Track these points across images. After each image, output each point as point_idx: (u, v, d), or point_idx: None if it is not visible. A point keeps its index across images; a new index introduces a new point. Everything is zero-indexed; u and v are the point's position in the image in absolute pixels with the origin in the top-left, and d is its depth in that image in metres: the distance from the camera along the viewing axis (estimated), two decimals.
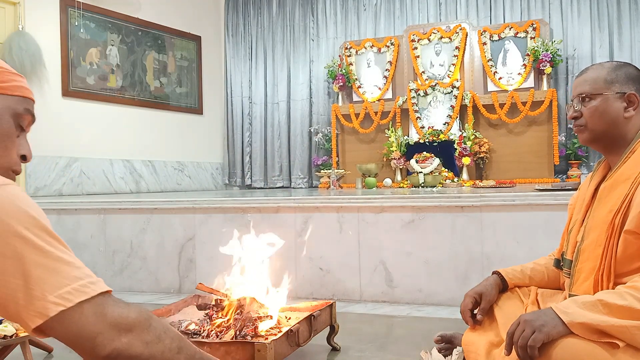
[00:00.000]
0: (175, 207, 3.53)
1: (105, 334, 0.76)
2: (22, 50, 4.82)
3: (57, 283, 0.74)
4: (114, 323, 0.77)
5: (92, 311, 0.76)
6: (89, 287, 0.77)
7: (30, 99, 0.94)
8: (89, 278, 0.78)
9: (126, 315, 0.79)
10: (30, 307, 0.73)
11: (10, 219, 0.73)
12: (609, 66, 1.36)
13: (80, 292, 0.75)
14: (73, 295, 0.75)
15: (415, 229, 3.03)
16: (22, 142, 0.92)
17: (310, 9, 6.95)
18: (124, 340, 0.77)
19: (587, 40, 5.77)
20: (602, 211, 1.30)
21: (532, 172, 5.63)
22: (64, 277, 0.75)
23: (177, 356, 0.85)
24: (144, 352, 0.79)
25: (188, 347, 0.88)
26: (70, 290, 0.75)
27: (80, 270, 0.78)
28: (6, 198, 0.74)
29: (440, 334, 1.76)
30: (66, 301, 0.74)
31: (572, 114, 1.39)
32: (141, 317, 0.81)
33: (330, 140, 6.50)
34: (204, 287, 2.10)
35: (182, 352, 0.86)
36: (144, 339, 0.80)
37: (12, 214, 0.74)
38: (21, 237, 0.73)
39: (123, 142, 5.90)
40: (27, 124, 0.92)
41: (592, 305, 1.14)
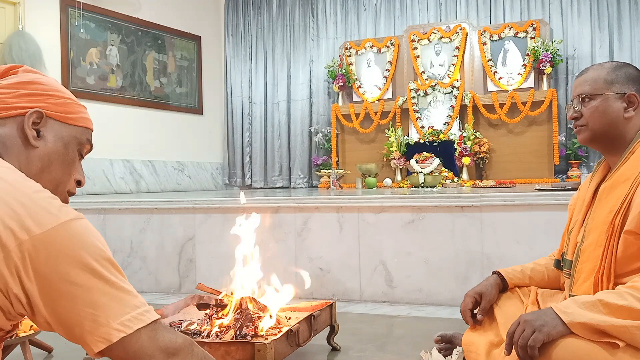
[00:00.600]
0: (175, 207, 3.53)
1: (156, 357, 0.86)
2: (22, 50, 4.82)
3: (119, 311, 0.82)
4: (164, 347, 0.87)
5: (147, 337, 0.84)
6: (145, 315, 0.85)
7: (91, 129, 1.04)
8: (144, 307, 0.86)
9: (174, 340, 0.89)
10: (96, 333, 0.81)
11: (83, 251, 0.81)
12: (609, 66, 1.36)
13: (138, 320, 0.83)
14: (133, 322, 0.83)
15: (415, 229, 3.03)
16: (79, 167, 1.02)
17: (310, 9, 6.95)
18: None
19: (587, 40, 5.77)
20: (602, 212, 1.30)
21: (532, 172, 5.63)
22: (126, 306, 0.83)
23: None
24: None
25: None
26: (130, 317, 0.83)
27: (138, 299, 0.86)
28: (80, 230, 0.82)
29: (440, 334, 1.76)
30: (127, 328, 0.82)
31: (572, 114, 1.39)
32: (186, 342, 0.91)
33: (330, 140, 6.50)
34: (204, 287, 2.10)
35: None
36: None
37: (84, 246, 0.81)
38: (91, 268, 0.81)
39: (123, 142, 5.90)
40: (86, 152, 1.02)
41: (592, 305, 1.14)
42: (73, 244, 0.80)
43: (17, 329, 1.11)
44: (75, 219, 0.83)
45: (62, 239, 0.80)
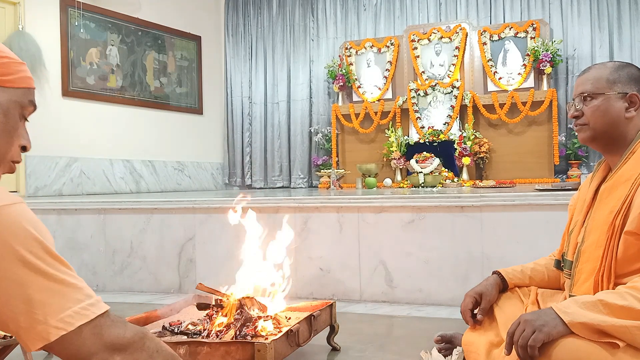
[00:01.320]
0: (175, 207, 3.53)
1: (100, 354, 0.79)
2: (22, 50, 4.82)
3: (59, 306, 0.75)
4: (110, 343, 0.80)
5: (90, 333, 0.78)
6: (89, 309, 0.79)
7: (33, 88, 0.93)
8: (88, 299, 0.79)
9: (122, 335, 0.82)
10: (32, 331, 0.74)
11: (14, 241, 0.74)
12: (612, 66, 1.36)
13: (81, 315, 0.77)
14: (74, 318, 0.76)
15: (415, 229, 3.03)
16: (22, 132, 0.91)
17: (310, 9, 6.95)
18: (117, 359, 0.81)
19: (587, 40, 5.77)
20: (602, 212, 1.30)
21: (532, 172, 5.63)
22: (66, 300, 0.76)
23: None
24: None
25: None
26: (72, 313, 0.76)
27: (82, 292, 0.79)
28: (11, 218, 0.75)
29: (440, 334, 1.76)
30: (67, 325, 0.76)
31: (573, 112, 1.39)
32: (136, 337, 0.84)
33: (330, 140, 6.50)
34: (204, 287, 2.10)
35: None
36: (136, 358, 0.83)
37: (16, 236, 0.74)
38: (24, 261, 0.74)
39: (123, 142, 5.90)
40: (28, 114, 0.92)
41: (592, 305, 1.14)
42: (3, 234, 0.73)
43: None
44: (9, 204, 0.75)
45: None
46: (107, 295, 3.44)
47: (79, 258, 3.61)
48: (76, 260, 3.60)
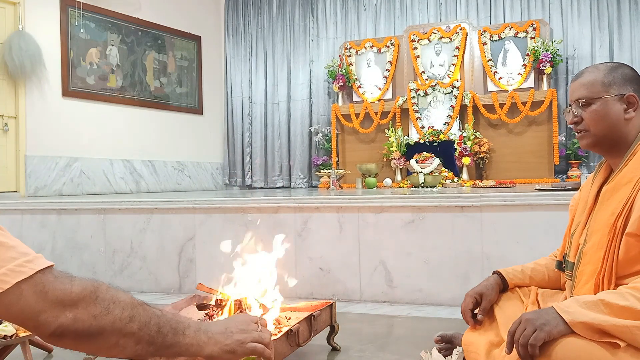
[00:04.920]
0: (175, 207, 3.53)
1: (49, 311, 0.75)
2: (22, 50, 4.82)
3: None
4: (57, 300, 0.75)
5: (31, 291, 0.74)
6: (26, 266, 0.74)
7: None
8: (25, 257, 0.75)
9: (69, 290, 0.77)
10: None
11: None
12: (604, 68, 1.35)
13: (16, 272, 0.73)
14: (9, 276, 0.72)
15: (415, 229, 3.03)
16: None
17: (310, 9, 6.95)
18: (69, 316, 0.76)
19: (587, 40, 5.77)
20: (604, 214, 1.29)
21: (532, 172, 5.63)
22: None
23: (129, 325, 0.82)
24: (91, 325, 0.78)
25: (141, 315, 0.85)
26: (6, 271, 0.72)
27: (15, 250, 0.75)
28: None
29: (440, 334, 1.76)
30: (3, 283, 0.71)
31: (571, 119, 1.38)
32: (86, 290, 0.79)
33: (330, 140, 6.50)
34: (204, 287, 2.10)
35: (135, 320, 0.83)
36: (91, 312, 0.78)
37: None
38: None
39: (123, 142, 5.90)
40: None
41: (593, 304, 1.14)
42: None
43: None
44: None
45: None
46: None
47: (79, 258, 3.61)
48: (76, 260, 3.60)
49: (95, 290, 0.80)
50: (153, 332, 0.85)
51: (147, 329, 0.85)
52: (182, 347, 0.90)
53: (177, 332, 0.89)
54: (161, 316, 0.88)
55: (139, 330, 0.83)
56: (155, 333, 0.86)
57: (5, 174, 4.91)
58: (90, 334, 0.78)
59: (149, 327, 0.85)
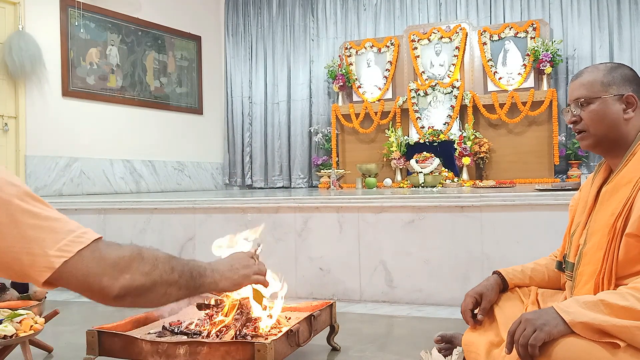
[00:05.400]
0: (175, 207, 3.53)
1: (109, 274, 0.86)
2: (22, 50, 4.82)
3: (53, 239, 0.82)
4: (114, 264, 0.87)
5: (91, 257, 0.84)
6: (83, 237, 0.85)
7: None
8: (80, 229, 0.86)
9: (122, 255, 0.89)
10: (36, 265, 0.81)
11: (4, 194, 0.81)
12: (604, 68, 1.35)
13: (76, 243, 0.83)
14: (71, 246, 0.83)
15: (415, 229, 3.03)
16: None
17: (310, 9, 6.95)
18: (127, 277, 0.88)
19: (587, 40, 5.77)
20: (604, 215, 1.29)
21: (532, 172, 5.63)
22: (58, 233, 0.83)
23: (172, 275, 0.97)
24: (145, 282, 0.91)
25: (177, 264, 1.00)
26: (67, 242, 0.83)
27: (71, 224, 0.85)
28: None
29: (440, 334, 1.76)
30: (66, 252, 0.82)
31: (570, 118, 1.38)
32: (134, 253, 0.91)
33: (330, 140, 6.50)
34: None
35: (175, 270, 0.98)
36: (143, 270, 0.91)
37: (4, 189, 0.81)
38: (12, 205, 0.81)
39: (123, 142, 5.90)
40: None
41: (593, 305, 1.14)
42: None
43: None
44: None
45: None
46: None
47: None
48: None
49: (140, 252, 0.93)
50: (188, 277, 1.02)
51: (184, 276, 1.01)
52: (205, 286, 1.08)
53: (201, 275, 1.07)
54: (188, 263, 1.04)
55: (179, 278, 0.99)
56: (190, 278, 1.02)
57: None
58: (146, 289, 0.91)
59: (184, 274, 1.01)
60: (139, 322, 2.00)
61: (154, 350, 1.70)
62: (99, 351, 1.80)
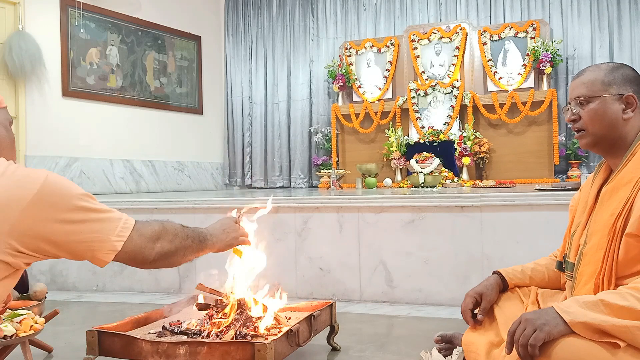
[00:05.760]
0: (175, 207, 3.53)
1: (147, 246, 1.15)
2: (22, 50, 4.82)
3: (112, 226, 1.09)
4: (150, 237, 1.16)
5: (137, 235, 1.13)
6: (129, 222, 1.13)
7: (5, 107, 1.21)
8: (123, 216, 1.13)
9: (153, 229, 1.18)
10: (104, 249, 1.08)
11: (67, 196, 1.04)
12: (606, 68, 1.36)
13: (126, 228, 1.11)
14: (124, 230, 1.10)
15: (415, 229, 3.03)
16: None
17: (310, 9, 6.95)
18: (158, 246, 1.17)
19: (587, 40, 5.77)
20: (604, 215, 1.29)
21: (532, 172, 5.63)
22: (114, 221, 1.10)
23: (188, 240, 1.28)
24: (171, 248, 1.21)
25: (190, 232, 1.30)
26: (121, 228, 1.10)
27: (117, 213, 1.12)
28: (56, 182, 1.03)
29: (440, 334, 1.76)
30: (122, 237, 1.10)
31: (570, 116, 1.38)
32: (160, 226, 1.20)
33: (330, 140, 6.50)
34: (204, 287, 2.10)
35: (189, 237, 1.28)
36: (168, 239, 1.20)
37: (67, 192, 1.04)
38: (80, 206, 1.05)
39: (123, 142, 5.90)
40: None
41: (593, 305, 1.14)
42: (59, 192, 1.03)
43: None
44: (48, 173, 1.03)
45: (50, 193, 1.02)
46: (108, 295, 3.44)
47: None
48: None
49: (163, 225, 1.21)
50: (197, 241, 1.32)
51: (195, 241, 1.31)
52: (207, 246, 1.38)
53: (205, 238, 1.37)
54: (194, 230, 1.33)
55: (192, 243, 1.29)
56: (198, 242, 1.32)
57: None
58: (172, 253, 1.22)
59: (195, 239, 1.31)
60: (139, 322, 2.00)
61: (154, 350, 1.70)
62: (99, 351, 1.80)
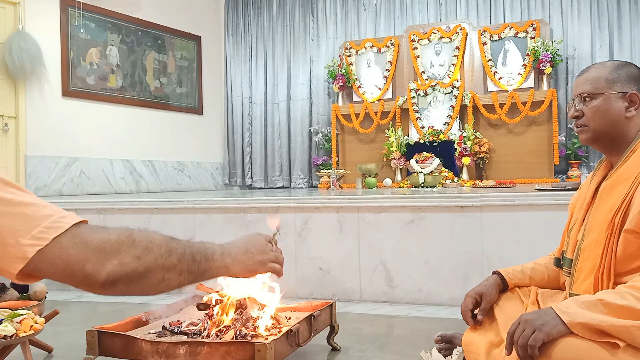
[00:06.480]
0: (175, 207, 3.53)
1: (93, 260, 0.76)
2: (22, 50, 4.82)
3: (27, 226, 0.73)
4: (99, 248, 0.77)
5: (71, 243, 0.75)
6: (61, 221, 0.76)
7: None
8: (58, 213, 0.77)
9: (107, 238, 0.79)
10: (8, 255, 0.73)
11: None
12: (611, 65, 1.36)
13: (53, 229, 0.74)
14: (47, 233, 0.74)
15: (415, 229, 3.03)
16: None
17: (310, 9, 6.95)
18: (114, 262, 0.78)
19: (587, 40, 5.77)
20: (602, 210, 1.30)
21: (532, 172, 5.63)
22: (32, 219, 0.74)
23: (170, 259, 0.86)
24: (138, 266, 0.81)
25: (176, 247, 0.89)
26: (42, 229, 0.74)
27: (48, 208, 0.76)
28: None
29: (440, 334, 1.76)
30: (41, 240, 0.73)
31: (573, 113, 1.39)
32: (122, 235, 0.82)
33: (330, 140, 6.50)
34: (203, 287, 2.10)
35: (173, 253, 0.87)
36: (133, 254, 0.81)
37: None
38: None
39: (123, 142, 5.90)
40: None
41: (592, 305, 1.14)
42: None
43: None
44: None
45: None
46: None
47: None
48: None
49: (130, 234, 0.83)
50: (190, 261, 0.91)
51: (185, 260, 0.89)
52: (214, 270, 0.98)
53: (208, 259, 0.96)
54: (192, 245, 0.93)
55: (178, 262, 0.88)
56: (192, 262, 0.91)
57: (5, 174, 4.88)
58: (139, 275, 0.81)
59: (185, 258, 0.90)
60: (139, 322, 2.00)
61: (154, 350, 1.70)
62: (99, 351, 1.80)
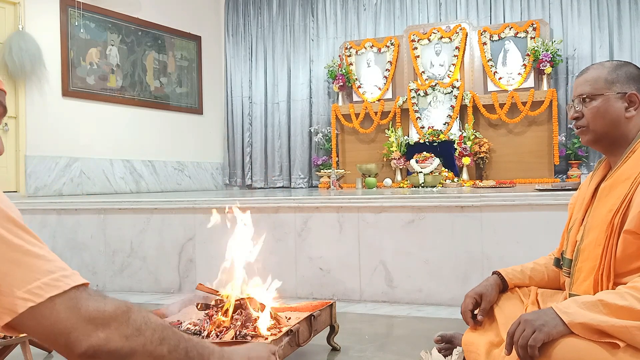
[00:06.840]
0: (175, 207, 3.53)
1: (80, 329, 0.72)
2: (22, 50, 4.82)
3: (26, 278, 0.69)
4: (89, 318, 0.73)
5: (64, 306, 0.71)
6: (62, 280, 0.72)
7: (4, 91, 0.87)
8: (62, 271, 0.73)
9: (102, 309, 0.75)
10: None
11: None
12: (610, 66, 1.36)
13: (51, 287, 0.71)
14: (43, 290, 0.70)
15: (415, 229, 3.03)
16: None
17: (310, 9, 6.95)
18: (101, 336, 0.73)
19: (587, 40, 5.77)
20: (601, 211, 1.29)
21: (532, 172, 5.63)
22: (34, 272, 0.70)
23: (159, 347, 0.80)
24: (123, 347, 0.75)
25: (171, 337, 0.83)
26: (41, 285, 0.70)
27: (53, 264, 0.73)
28: None
29: (440, 334, 1.76)
30: (36, 296, 0.69)
31: (573, 114, 1.39)
32: (119, 310, 0.77)
33: (330, 140, 6.50)
34: (204, 287, 2.10)
35: (165, 342, 0.81)
36: (123, 332, 0.76)
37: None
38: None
39: (123, 142, 5.90)
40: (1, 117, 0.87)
41: (592, 305, 1.14)
42: None
43: None
44: None
45: None
46: (108, 295, 3.44)
47: (79, 258, 3.61)
48: (76, 260, 3.60)
49: (127, 311, 0.78)
50: (182, 356, 0.84)
51: (176, 353, 0.83)
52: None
53: (202, 357, 0.88)
54: (188, 340, 0.87)
55: (168, 354, 0.81)
56: (184, 357, 0.84)
57: (5, 174, 4.91)
58: (121, 356, 0.75)
59: (177, 351, 0.83)
60: None
61: None
62: None
